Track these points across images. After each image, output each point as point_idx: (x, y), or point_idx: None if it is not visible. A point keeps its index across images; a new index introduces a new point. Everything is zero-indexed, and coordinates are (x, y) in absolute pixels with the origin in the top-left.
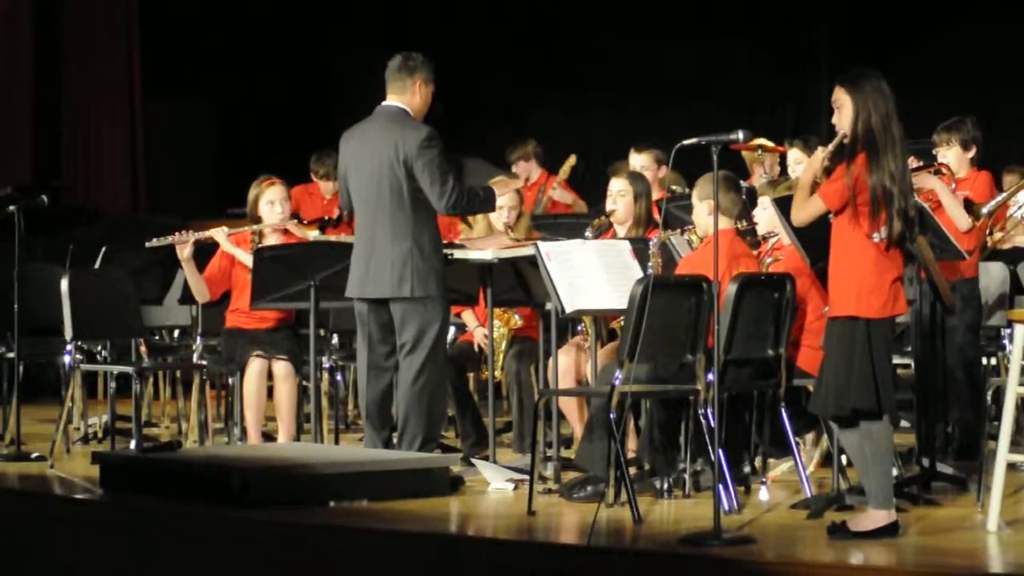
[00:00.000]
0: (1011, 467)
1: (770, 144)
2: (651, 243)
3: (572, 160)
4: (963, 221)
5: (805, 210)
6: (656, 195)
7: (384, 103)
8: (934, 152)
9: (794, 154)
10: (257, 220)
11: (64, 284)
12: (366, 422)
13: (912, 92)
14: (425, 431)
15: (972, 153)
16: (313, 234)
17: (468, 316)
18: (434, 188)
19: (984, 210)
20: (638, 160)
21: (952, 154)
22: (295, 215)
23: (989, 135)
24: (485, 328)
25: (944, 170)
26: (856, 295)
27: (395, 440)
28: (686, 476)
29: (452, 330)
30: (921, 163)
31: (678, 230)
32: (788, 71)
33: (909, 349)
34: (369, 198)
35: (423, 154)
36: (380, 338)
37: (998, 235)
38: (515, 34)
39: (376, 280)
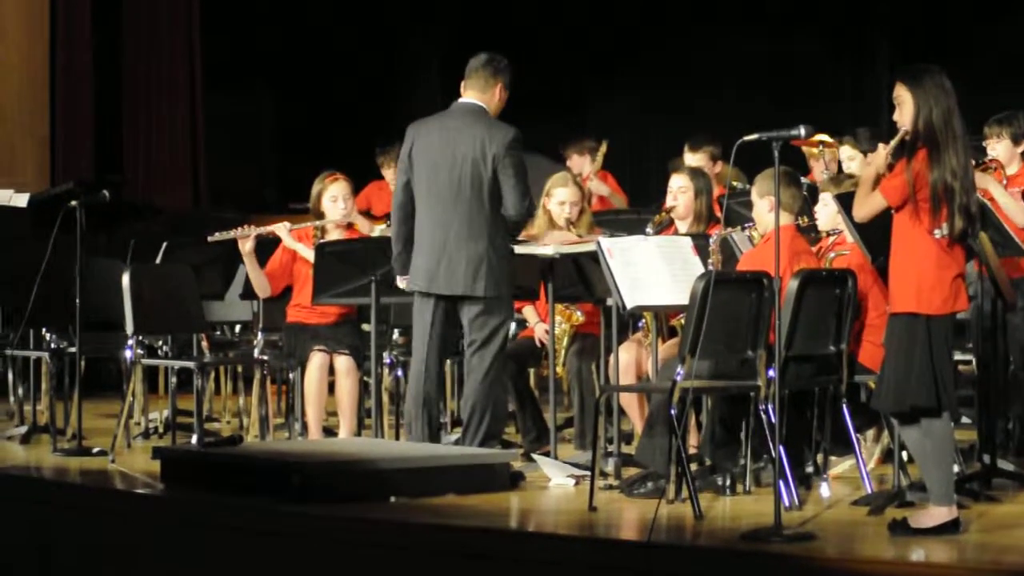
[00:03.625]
0: None
1: (830, 140)
2: (711, 239)
3: (604, 148)
4: (1021, 217)
5: (866, 206)
6: (714, 191)
7: (463, 99)
8: (984, 145)
9: (846, 151)
10: (320, 216)
11: (125, 279)
12: (418, 415)
13: (972, 85)
14: (489, 427)
15: (1023, 147)
16: (380, 228)
17: (529, 312)
18: (517, 189)
19: None
20: (692, 159)
21: (1002, 147)
22: (367, 212)
23: None
24: (546, 324)
25: (994, 165)
26: (916, 291)
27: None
28: (747, 472)
29: (513, 326)
30: (972, 162)
31: (739, 227)
32: (847, 64)
33: (970, 346)
34: (446, 193)
35: (511, 154)
36: (441, 334)
37: None
38: (575, 28)
39: (449, 277)
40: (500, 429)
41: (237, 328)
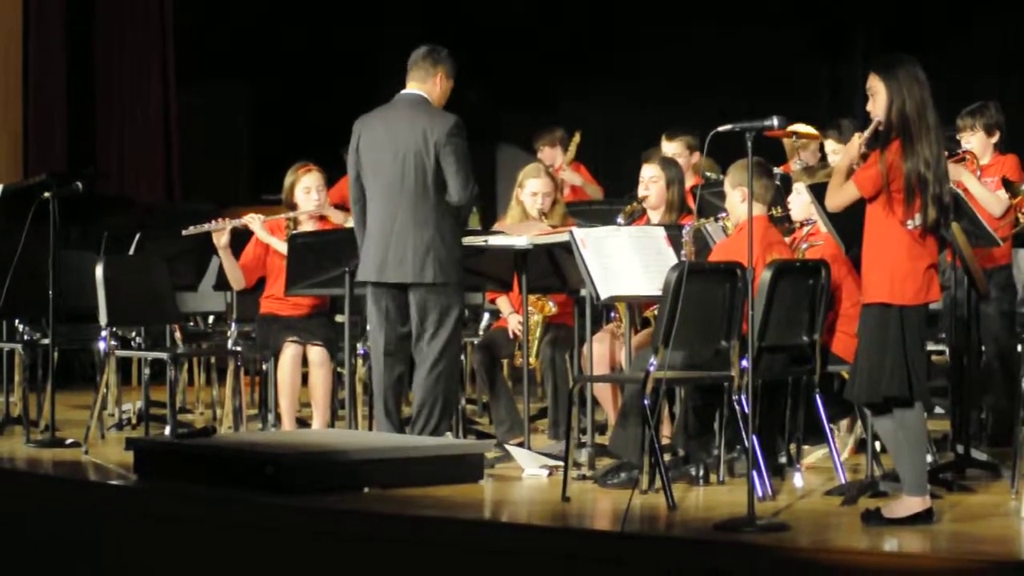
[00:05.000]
0: None
1: (805, 130)
2: (684, 231)
3: (577, 137)
4: (996, 207)
5: (839, 196)
6: (690, 182)
7: (405, 91)
8: (957, 137)
9: (830, 144)
10: (293, 207)
11: (99, 271)
12: (382, 411)
13: (950, 76)
14: (439, 416)
15: (996, 138)
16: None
17: (503, 302)
18: (459, 176)
19: None
20: (670, 147)
21: (976, 139)
22: (339, 206)
23: None
24: (519, 315)
25: (968, 157)
26: (889, 282)
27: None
28: (720, 462)
29: (486, 316)
30: (946, 153)
31: (712, 218)
32: (823, 55)
33: (944, 336)
34: (392, 183)
35: (452, 141)
36: (397, 322)
37: None
38: (549, 21)
39: (397, 265)
40: (450, 418)
41: (210, 319)
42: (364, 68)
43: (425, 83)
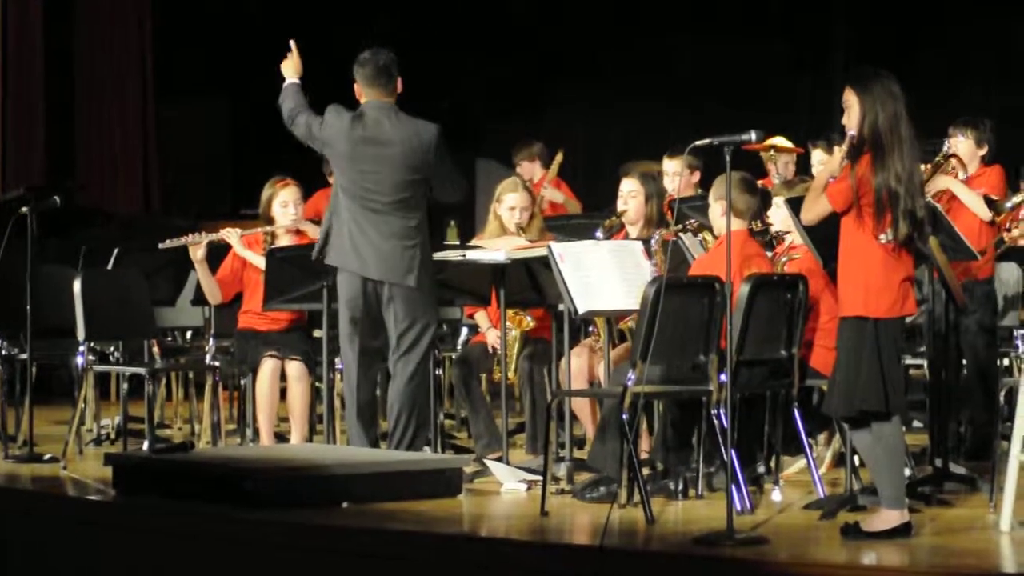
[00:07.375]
0: None
1: (784, 144)
2: (652, 239)
3: (560, 157)
4: (984, 212)
5: (813, 209)
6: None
7: (374, 100)
8: (946, 139)
9: (817, 155)
10: (270, 221)
11: (77, 285)
12: (356, 419)
13: (931, 89)
14: (417, 426)
15: (983, 151)
16: None
17: (481, 317)
18: (455, 173)
19: (1008, 204)
20: (671, 166)
21: (964, 146)
22: (315, 221)
23: (1012, 131)
24: (498, 329)
25: (954, 161)
26: (864, 295)
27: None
28: (699, 476)
29: (464, 331)
30: (924, 166)
31: (684, 227)
32: (804, 67)
33: (922, 349)
34: (382, 188)
35: (442, 144)
36: (371, 330)
37: (1015, 232)
38: (529, 30)
39: (387, 265)
40: (428, 426)
41: (188, 334)
42: (344, 80)
43: (392, 95)
